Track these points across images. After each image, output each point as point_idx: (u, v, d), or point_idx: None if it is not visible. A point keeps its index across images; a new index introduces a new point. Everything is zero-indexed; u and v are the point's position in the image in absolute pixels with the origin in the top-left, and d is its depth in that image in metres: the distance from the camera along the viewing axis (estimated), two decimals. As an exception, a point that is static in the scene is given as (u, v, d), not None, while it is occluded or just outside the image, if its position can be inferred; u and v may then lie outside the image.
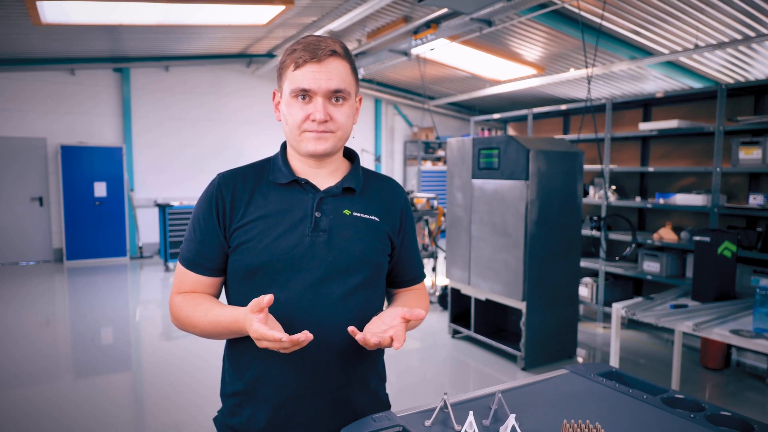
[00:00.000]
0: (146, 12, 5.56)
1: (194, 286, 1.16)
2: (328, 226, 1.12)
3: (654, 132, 4.63)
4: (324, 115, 1.07)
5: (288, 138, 1.15)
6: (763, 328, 2.51)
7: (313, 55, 1.06)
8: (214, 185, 1.15)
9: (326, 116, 1.08)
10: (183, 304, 1.14)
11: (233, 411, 1.16)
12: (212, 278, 1.16)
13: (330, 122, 1.09)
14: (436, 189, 10.63)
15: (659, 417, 1.10)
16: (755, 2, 4.37)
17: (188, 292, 1.17)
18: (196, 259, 1.14)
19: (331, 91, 1.07)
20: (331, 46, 1.08)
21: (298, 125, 1.09)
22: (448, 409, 1.07)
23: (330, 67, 1.07)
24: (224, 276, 1.18)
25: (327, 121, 1.08)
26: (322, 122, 1.08)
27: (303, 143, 1.11)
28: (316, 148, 1.10)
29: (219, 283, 1.19)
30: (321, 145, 1.10)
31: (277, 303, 1.08)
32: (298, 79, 1.07)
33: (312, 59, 1.06)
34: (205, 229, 1.13)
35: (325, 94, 1.07)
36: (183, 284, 1.17)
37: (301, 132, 1.10)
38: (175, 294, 1.17)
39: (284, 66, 1.11)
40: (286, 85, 1.10)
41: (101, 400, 3.35)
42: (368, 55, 7.23)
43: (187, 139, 8.79)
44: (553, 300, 3.96)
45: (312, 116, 1.07)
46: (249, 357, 1.12)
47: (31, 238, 7.88)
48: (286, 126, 1.12)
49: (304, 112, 1.08)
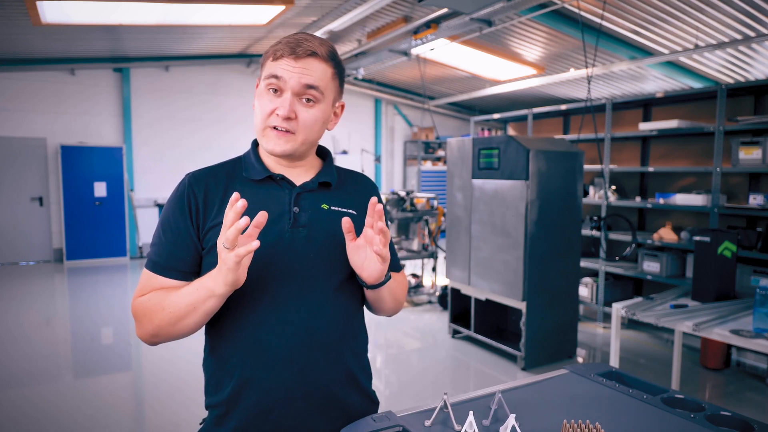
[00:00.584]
0: (146, 12, 5.56)
1: None
2: (307, 221, 1.10)
3: (654, 132, 4.63)
4: (288, 111, 1.04)
5: (256, 131, 1.11)
6: (763, 328, 2.50)
7: (291, 51, 1.04)
8: (185, 185, 1.11)
9: (290, 113, 1.04)
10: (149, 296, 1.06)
11: (218, 421, 1.09)
12: (184, 282, 1.08)
13: (294, 121, 1.06)
14: (436, 189, 10.63)
15: (659, 417, 1.10)
16: (755, 2, 4.37)
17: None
18: (169, 262, 1.08)
19: (303, 86, 1.04)
20: (314, 48, 1.05)
21: (264, 119, 1.07)
22: (448, 409, 1.07)
23: (306, 65, 1.05)
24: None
25: (291, 119, 1.05)
26: (285, 118, 1.04)
27: (265, 140, 1.08)
28: (275, 148, 1.07)
29: None
30: (281, 146, 1.07)
31: (260, 302, 1.06)
32: (272, 68, 1.05)
33: (290, 55, 1.04)
34: (176, 230, 1.08)
35: (295, 90, 1.04)
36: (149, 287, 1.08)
37: (264, 127, 1.07)
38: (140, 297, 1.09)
39: (266, 56, 1.09)
40: (263, 76, 1.08)
41: (101, 401, 3.35)
42: (368, 55, 7.23)
43: (187, 139, 8.79)
44: (553, 300, 3.96)
45: (277, 110, 1.04)
46: (233, 363, 1.07)
47: (31, 238, 7.88)
48: (255, 117, 1.09)
49: (272, 105, 1.05)
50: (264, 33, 7.14)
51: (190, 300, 1.00)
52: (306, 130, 1.08)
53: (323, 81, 1.07)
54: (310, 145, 1.12)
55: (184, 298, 1.00)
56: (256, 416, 1.07)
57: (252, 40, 7.62)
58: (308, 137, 1.09)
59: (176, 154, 8.71)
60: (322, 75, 1.07)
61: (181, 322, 1.02)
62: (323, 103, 1.09)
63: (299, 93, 1.05)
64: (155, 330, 1.05)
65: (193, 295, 0.99)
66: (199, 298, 0.99)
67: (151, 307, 1.04)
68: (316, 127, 1.10)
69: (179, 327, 1.03)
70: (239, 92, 9.15)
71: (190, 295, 1.00)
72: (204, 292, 0.98)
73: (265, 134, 1.08)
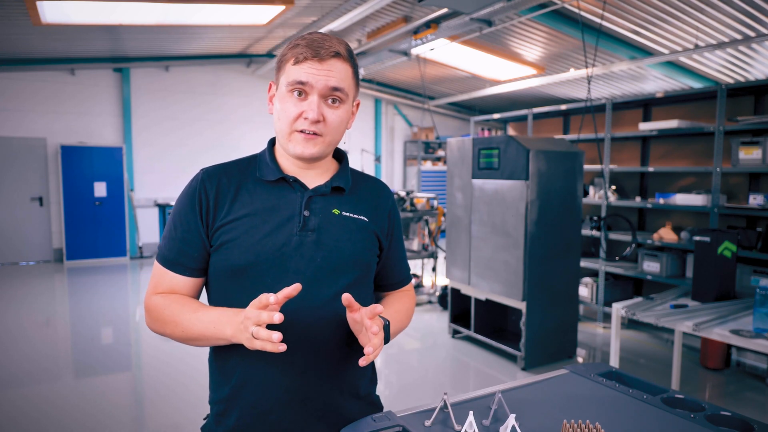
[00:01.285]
0: (146, 12, 5.56)
1: (172, 286, 1.10)
2: (316, 226, 1.09)
3: (654, 132, 4.63)
4: (317, 114, 1.03)
5: (278, 135, 1.10)
6: (763, 328, 2.50)
7: (315, 53, 1.02)
8: (198, 180, 1.10)
9: (319, 116, 1.04)
10: (167, 302, 1.08)
11: (218, 419, 1.11)
12: (192, 279, 1.10)
13: (321, 124, 1.05)
14: (436, 189, 10.63)
15: (659, 417, 1.10)
16: (755, 2, 4.37)
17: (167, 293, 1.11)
18: (177, 258, 1.09)
19: (329, 88, 1.04)
20: (336, 47, 1.04)
21: (290, 123, 1.05)
22: (448, 409, 1.07)
23: (331, 66, 1.04)
24: (205, 277, 1.12)
25: (319, 121, 1.05)
26: (314, 122, 1.04)
27: (291, 144, 1.07)
28: (303, 152, 1.07)
29: (199, 285, 1.13)
30: (309, 149, 1.06)
31: None
32: (296, 73, 1.03)
33: (314, 57, 1.02)
34: (187, 226, 1.08)
35: (322, 92, 1.04)
36: (160, 285, 1.11)
37: (291, 131, 1.06)
38: (152, 294, 1.11)
39: (284, 59, 1.07)
40: (283, 79, 1.06)
41: (101, 400, 3.35)
42: (368, 55, 7.23)
43: (187, 139, 8.79)
44: (553, 300, 3.96)
45: (305, 114, 1.04)
46: (234, 362, 1.08)
47: (31, 238, 7.88)
48: (278, 122, 1.08)
49: (297, 109, 1.04)
50: (264, 33, 7.14)
51: (203, 331, 1.02)
52: (333, 131, 1.08)
53: (346, 81, 1.07)
54: (334, 146, 1.12)
55: (198, 325, 1.03)
56: (255, 417, 1.07)
57: (252, 40, 7.62)
58: (334, 138, 1.10)
59: (176, 154, 8.71)
60: (345, 75, 1.06)
61: (190, 342, 1.07)
62: (347, 103, 1.09)
63: (325, 95, 1.05)
64: (164, 335, 1.10)
65: (208, 330, 1.02)
66: (212, 335, 1.02)
67: (166, 318, 1.07)
68: (342, 128, 1.10)
69: (187, 342, 1.08)
70: (239, 92, 9.14)
71: (204, 328, 1.02)
72: (219, 333, 1.00)
73: (291, 138, 1.07)
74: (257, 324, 0.90)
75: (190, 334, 1.04)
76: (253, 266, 1.05)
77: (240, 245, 1.05)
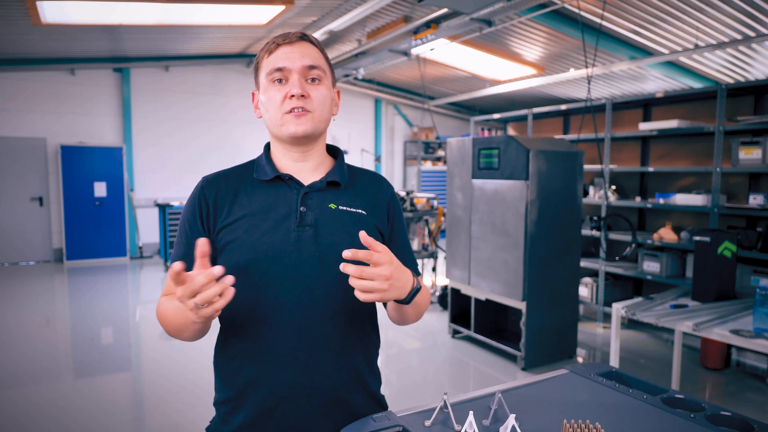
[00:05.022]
0: (146, 12, 5.56)
1: None
2: (313, 221, 1.11)
3: (654, 132, 4.63)
4: (301, 89, 1.08)
5: (270, 127, 1.14)
6: (763, 328, 2.51)
7: (284, 38, 1.11)
8: (198, 188, 1.16)
9: (303, 91, 1.08)
10: (164, 301, 1.12)
11: (225, 419, 1.13)
12: None
13: (308, 99, 1.09)
14: (436, 189, 10.63)
15: (659, 417, 1.10)
16: (755, 2, 4.37)
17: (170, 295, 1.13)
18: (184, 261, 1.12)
19: (306, 67, 1.10)
20: (301, 33, 1.13)
21: (278, 107, 1.09)
22: (448, 409, 1.07)
23: (302, 48, 1.11)
24: None
25: (304, 96, 1.09)
26: (299, 97, 1.08)
27: (284, 127, 1.10)
28: (297, 129, 1.09)
29: None
30: (302, 125, 1.09)
31: (267, 301, 1.07)
32: (272, 62, 1.10)
33: (284, 42, 1.10)
34: (191, 232, 1.12)
35: (300, 72, 1.09)
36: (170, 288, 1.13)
37: (281, 115, 1.10)
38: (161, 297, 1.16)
39: (259, 59, 1.15)
40: (263, 74, 1.12)
41: (101, 401, 3.35)
42: (368, 55, 7.22)
43: (187, 139, 8.79)
44: (553, 300, 3.96)
45: (290, 92, 1.08)
46: (238, 362, 1.10)
47: (31, 238, 7.88)
48: (267, 113, 1.12)
49: (282, 93, 1.09)
50: (264, 33, 7.14)
51: (178, 321, 1.04)
52: (319, 106, 1.12)
53: (320, 61, 1.13)
54: (324, 124, 1.15)
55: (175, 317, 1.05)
56: (261, 414, 1.08)
57: (252, 40, 7.62)
58: (322, 114, 1.13)
59: (177, 154, 8.71)
60: (317, 56, 1.13)
61: (180, 335, 1.09)
62: (326, 80, 1.14)
63: (304, 74, 1.10)
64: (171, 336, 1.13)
65: (177, 318, 1.04)
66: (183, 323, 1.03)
67: (159, 315, 1.12)
68: (327, 104, 1.14)
69: (182, 337, 1.10)
70: (239, 92, 9.14)
71: (174, 316, 1.05)
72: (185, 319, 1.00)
73: (283, 121, 1.10)
74: (193, 296, 0.86)
75: (174, 327, 1.07)
76: (255, 264, 1.07)
77: (241, 245, 1.08)
